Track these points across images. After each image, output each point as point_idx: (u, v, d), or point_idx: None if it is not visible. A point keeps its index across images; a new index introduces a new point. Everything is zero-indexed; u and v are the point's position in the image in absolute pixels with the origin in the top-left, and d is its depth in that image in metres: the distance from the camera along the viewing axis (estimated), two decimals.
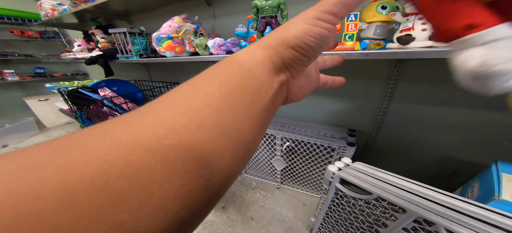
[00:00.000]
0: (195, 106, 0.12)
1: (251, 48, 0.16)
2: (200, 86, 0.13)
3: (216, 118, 0.12)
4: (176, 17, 0.97)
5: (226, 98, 0.13)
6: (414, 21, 0.51)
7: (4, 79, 1.91)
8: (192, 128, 0.11)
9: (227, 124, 0.12)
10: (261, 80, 0.15)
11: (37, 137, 1.86)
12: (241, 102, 0.13)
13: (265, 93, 0.15)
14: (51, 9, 1.39)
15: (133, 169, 0.09)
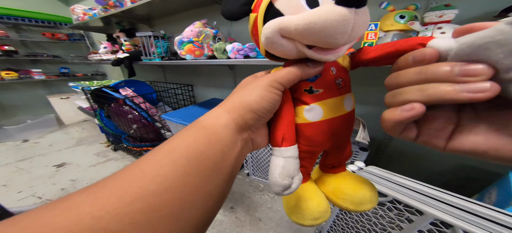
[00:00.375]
0: (162, 173, 0.14)
1: (217, 112, 0.19)
2: (167, 154, 0.15)
3: (183, 181, 0.14)
4: (197, 22, 1.02)
5: (192, 162, 0.15)
6: (433, 30, 0.53)
7: (31, 78, 2.04)
8: (159, 192, 0.13)
9: (193, 185, 0.14)
10: (226, 141, 0.17)
11: (56, 133, 1.96)
12: (207, 164, 0.16)
13: (230, 152, 0.18)
14: (82, 14, 1.50)
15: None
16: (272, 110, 0.20)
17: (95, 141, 1.73)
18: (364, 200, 0.23)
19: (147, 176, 0.13)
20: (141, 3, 1.07)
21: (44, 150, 1.60)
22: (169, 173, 0.14)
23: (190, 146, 0.16)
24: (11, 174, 1.27)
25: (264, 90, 0.19)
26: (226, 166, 0.17)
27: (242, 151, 0.19)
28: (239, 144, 0.19)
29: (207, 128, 0.17)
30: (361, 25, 0.15)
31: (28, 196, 1.07)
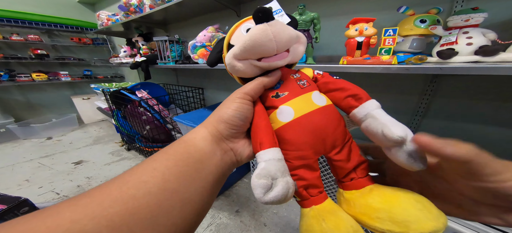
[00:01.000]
0: (142, 179, 0.15)
1: (196, 128, 0.21)
2: (149, 164, 0.17)
3: (162, 186, 0.15)
4: (210, 27, 1.05)
5: (171, 169, 0.16)
6: (458, 35, 0.50)
7: (59, 79, 2.20)
8: (138, 196, 0.14)
9: (172, 190, 0.16)
10: (204, 151, 0.19)
11: (76, 132, 2.08)
12: (186, 171, 0.17)
13: (209, 161, 0.19)
14: (107, 19, 1.61)
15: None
16: (242, 118, 0.21)
17: (111, 140, 1.81)
18: (410, 216, 0.16)
19: (129, 182, 0.15)
20: (158, 9, 1.12)
21: (65, 148, 1.70)
22: (149, 179, 0.15)
23: (170, 156, 0.18)
24: (34, 170, 1.36)
25: (233, 102, 0.21)
26: (206, 174, 0.18)
27: (223, 160, 0.21)
28: (218, 153, 0.20)
29: (187, 141, 0.20)
30: (280, 31, 0.20)
31: (48, 191, 1.13)
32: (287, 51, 0.22)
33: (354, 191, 0.20)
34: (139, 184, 0.15)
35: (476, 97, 0.65)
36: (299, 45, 0.23)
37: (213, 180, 0.19)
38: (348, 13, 0.79)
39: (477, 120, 0.67)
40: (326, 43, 0.87)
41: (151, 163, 0.17)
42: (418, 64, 0.53)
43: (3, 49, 1.96)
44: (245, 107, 0.21)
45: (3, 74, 1.88)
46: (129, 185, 0.15)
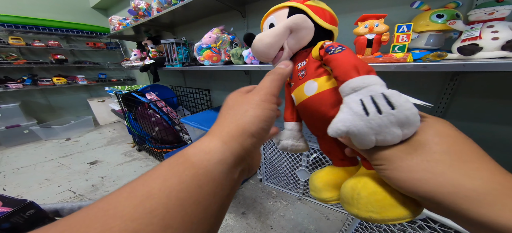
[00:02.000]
0: (132, 228, 0.11)
1: (210, 143, 0.16)
2: (142, 202, 0.12)
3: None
4: (215, 29, 1.05)
5: (175, 212, 0.12)
6: (481, 29, 0.45)
7: (76, 83, 2.33)
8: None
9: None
10: (220, 180, 0.15)
11: (92, 133, 2.18)
12: (194, 211, 0.13)
13: (222, 191, 0.15)
14: (118, 24, 1.67)
15: None
16: (269, 129, 0.18)
17: (123, 141, 1.88)
18: (348, 197, 0.19)
19: (111, 231, 0.10)
20: (165, 12, 1.14)
21: (82, 148, 1.79)
22: (143, 228, 0.11)
23: (172, 191, 0.13)
24: (54, 169, 1.44)
25: (259, 108, 0.17)
26: (218, 208, 0.15)
27: (237, 183, 0.17)
28: (235, 177, 0.16)
29: (197, 166, 0.14)
30: (256, 48, 0.26)
31: (65, 190, 1.19)
32: (282, 49, 0.25)
33: (342, 169, 0.26)
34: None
35: (503, 96, 0.59)
36: (295, 34, 0.24)
37: (223, 213, 0.16)
38: (357, 10, 0.75)
39: (503, 120, 0.61)
40: None
41: (145, 202, 0.12)
42: (437, 61, 0.49)
43: (26, 55, 2.10)
44: (273, 114, 0.18)
45: (26, 79, 2.01)
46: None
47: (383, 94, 0.15)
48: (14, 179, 1.33)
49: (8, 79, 1.96)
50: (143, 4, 1.35)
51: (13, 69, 2.04)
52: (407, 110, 0.14)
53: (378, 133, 0.15)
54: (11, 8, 1.93)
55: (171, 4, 1.13)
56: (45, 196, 1.14)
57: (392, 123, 0.15)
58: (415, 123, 0.15)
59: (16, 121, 1.92)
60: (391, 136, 0.15)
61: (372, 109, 0.15)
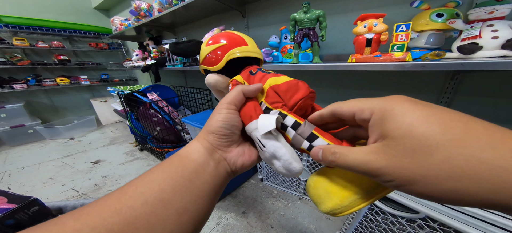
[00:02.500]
0: (139, 190, 0.16)
1: (191, 143, 0.22)
2: (146, 176, 0.18)
3: (158, 196, 0.16)
4: (216, 29, 1.05)
5: (167, 180, 0.18)
6: (481, 28, 0.45)
7: (79, 83, 2.35)
8: (136, 206, 0.15)
9: (168, 199, 0.17)
10: (198, 162, 0.20)
11: (95, 133, 2.20)
12: (181, 182, 0.18)
13: (203, 172, 0.20)
14: (120, 24, 1.68)
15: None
16: (229, 127, 0.22)
17: (125, 141, 1.90)
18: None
19: (127, 194, 0.16)
20: (166, 12, 1.15)
21: (85, 148, 1.80)
22: (146, 190, 0.17)
23: (166, 168, 0.19)
24: (57, 168, 1.46)
25: (219, 113, 0.22)
26: (201, 184, 0.19)
27: (217, 170, 0.21)
28: (211, 164, 0.21)
29: (181, 154, 0.21)
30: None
31: (69, 189, 1.21)
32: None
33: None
34: (136, 195, 0.16)
35: (505, 95, 0.59)
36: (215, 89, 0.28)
37: (208, 190, 0.20)
38: (356, 9, 0.75)
39: (506, 119, 0.61)
40: (334, 41, 0.83)
41: (148, 176, 0.18)
42: (435, 60, 0.49)
43: (30, 55, 2.13)
44: (231, 117, 0.22)
45: (30, 79, 2.04)
46: (127, 196, 0.16)
47: (257, 138, 0.21)
48: (19, 178, 1.36)
49: (13, 79, 1.98)
50: (145, 4, 1.36)
51: (18, 69, 2.06)
52: (270, 147, 0.20)
53: (269, 162, 0.22)
54: (15, 9, 1.95)
55: (172, 5, 1.13)
56: (49, 194, 1.16)
57: (271, 156, 0.21)
58: (282, 157, 0.20)
59: (20, 121, 1.94)
60: (276, 165, 0.21)
61: (259, 147, 0.22)
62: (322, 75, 0.95)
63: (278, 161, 0.20)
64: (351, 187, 0.17)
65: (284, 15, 0.96)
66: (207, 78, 0.27)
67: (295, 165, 0.19)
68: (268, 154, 0.21)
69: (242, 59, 0.26)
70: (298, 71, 0.74)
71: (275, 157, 0.20)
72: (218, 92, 0.29)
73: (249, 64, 0.28)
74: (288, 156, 0.20)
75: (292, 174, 0.20)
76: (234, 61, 0.26)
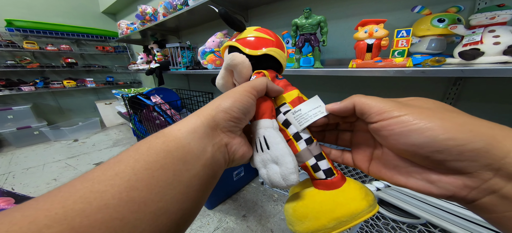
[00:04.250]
0: (98, 188, 0.12)
1: (188, 117, 0.18)
2: (111, 167, 0.13)
3: (126, 196, 0.12)
4: (219, 33, 1.07)
5: (140, 173, 0.13)
6: (483, 33, 0.45)
7: (85, 86, 2.40)
8: (89, 211, 0.11)
9: (140, 200, 0.12)
10: (190, 147, 0.15)
11: (99, 134, 2.23)
12: (161, 175, 0.13)
13: (195, 160, 0.15)
14: (126, 28, 1.72)
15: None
16: (244, 111, 0.19)
17: (128, 143, 1.92)
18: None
19: (77, 193, 0.11)
20: (171, 17, 1.17)
21: (88, 149, 1.83)
22: (108, 188, 0.12)
23: (140, 156, 0.14)
24: (61, 170, 1.48)
25: (237, 93, 0.19)
26: (190, 177, 0.15)
27: (214, 158, 0.17)
28: (209, 149, 0.17)
29: (167, 135, 0.16)
30: (220, 88, 0.28)
31: None
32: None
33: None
34: (93, 195, 0.11)
35: (508, 101, 0.58)
36: (235, 71, 0.26)
37: (199, 184, 0.15)
38: (357, 15, 0.75)
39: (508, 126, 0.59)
40: (335, 46, 0.83)
41: (114, 166, 0.13)
42: (436, 66, 0.48)
43: (39, 58, 2.18)
44: (249, 101, 0.19)
45: (39, 82, 2.09)
46: (77, 196, 0.11)
47: (264, 137, 0.20)
48: (23, 179, 1.38)
49: (21, 82, 2.04)
50: (150, 9, 1.40)
51: (27, 72, 2.12)
52: (277, 150, 0.19)
53: (264, 166, 0.20)
54: (26, 13, 2.02)
55: (176, 9, 1.16)
56: None
57: (269, 160, 0.20)
58: (285, 164, 0.18)
59: (27, 123, 1.98)
60: (272, 171, 0.19)
61: (259, 147, 0.21)
62: (323, 79, 0.95)
63: (276, 167, 0.19)
64: (341, 210, 0.18)
65: (286, 20, 0.97)
66: (235, 55, 0.24)
67: (294, 177, 0.19)
68: (270, 156, 0.20)
69: (269, 62, 0.26)
70: (299, 75, 0.74)
71: (276, 162, 0.19)
72: (229, 73, 0.27)
73: (273, 69, 0.27)
74: (293, 165, 0.19)
75: (287, 184, 0.19)
76: (265, 59, 0.26)
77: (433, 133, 0.13)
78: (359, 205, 0.18)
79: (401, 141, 0.14)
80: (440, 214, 0.40)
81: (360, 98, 0.17)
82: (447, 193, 0.14)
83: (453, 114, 0.14)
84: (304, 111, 0.21)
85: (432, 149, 0.13)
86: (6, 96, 1.98)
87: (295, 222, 0.20)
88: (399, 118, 0.14)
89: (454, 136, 0.12)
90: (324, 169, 0.20)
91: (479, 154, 0.12)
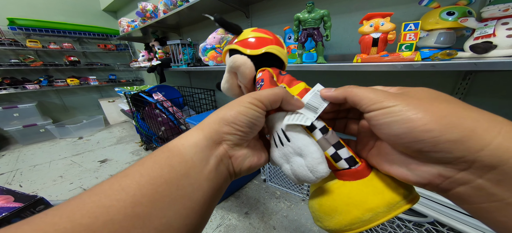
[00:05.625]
0: (105, 203, 0.12)
1: (190, 131, 0.18)
2: (117, 181, 0.13)
3: (130, 212, 0.12)
4: (220, 29, 1.05)
5: (145, 188, 0.13)
6: (495, 26, 0.42)
7: (88, 84, 2.41)
8: (96, 227, 0.11)
9: (144, 216, 0.13)
10: (193, 161, 0.16)
11: (103, 132, 2.26)
12: (165, 190, 0.14)
13: (198, 174, 0.16)
14: (127, 26, 1.71)
15: None
16: (249, 124, 0.18)
17: (132, 140, 1.93)
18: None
19: (85, 207, 0.12)
20: (171, 13, 1.16)
21: (93, 147, 1.85)
22: (113, 203, 0.12)
23: (145, 170, 0.14)
24: (67, 167, 1.50)
25: (241, 105, 0.18)
26: (193, 192, 0.15)
27: (217, 170, 0.17)
28: (211, 162, 0.17)
29: (172, 149, 0.16)
30: (225, 92, 0.29)
31: (77, 188, 1.24)
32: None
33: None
34: (99, 210, 0.12)
35: None
36: (238, 74, 0.26)
37: (203, 199, 0.15)
38: (362, 8, 0.73)
39: None
40: (339, 41, 0.81)
41: (120, 180, 0.13)
42: (446, 60, 0.46)
43: (43, 57, 2.20)
44: (254, 114, 0.18)
45: (43, 80, 2.11)
46: (84, 210, 0.12)
47: (282, 130, 0.19)
48: (30, 176, 1.40)
49: (26, 80, 2.06)
50: (150, 6, 1.38)
51: (30, 70, 2.14)
52: (298, 141, 0.18)
53: (287, 161, 0.19)
54: (28, 11, 2.03)
55: (176, 6, 1.14)
56: (58, 192, 1.20)
57: (292, 153, 0.19)
58: (311, 154, 0.17)
59: (32, 120, 2.01)
60: (296, 164, 0.18)
61: (278, 142, 0.20)
62: (326, 75, 0.93)
63: (301, 159, 0.18)
64: (375, 200, 0.17)
65: (288, 15, 0.95)
66: (236, 57, 0.25)
67: (323, 167, 0.17)
68: (292, 149, 0.18)
69: (271, 60, 0.26)
70: (302, 71, 0.72)
71: (300, 154, 0.18)
72: (233, 76, 0.27)
73: (274, 66, 0.27)
74: (319, 154, 0.17)
75: (316, 177, 0.17)
76: (266, 58, 0.25)
77: (412, 124, 0.13)
78: (395, 194, 0.16)
79: (385, 131, 0.15)
80: (449, 213, 0.39)
81: (352, 89, 0.17)
82: (422, 181, 0.14)
83: (442, 105, 0.13)
84: (312, 101, 0.20)
85: (410, 139, 0.13)
86: (12, 94, 2.01)
87: (324, 218, 0.19)
88: (388, 109, 0.14)
89: (431, 127, 0.12)
90: (345, 157, 0.19)
91: (453, 146, 0.12)
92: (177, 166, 0.15)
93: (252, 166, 0.20)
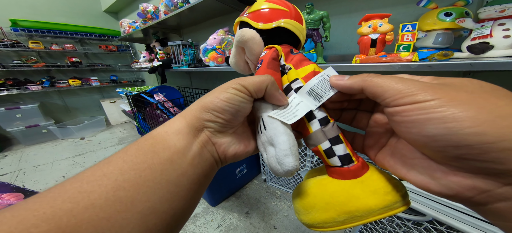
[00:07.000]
0: (86, 189, 0.12)
1: (173, 119, 0.18)
2: (100, 168, 0.13)
3: (112, 196, 0.12)
4: (220, 30, 1.06)
5: (127, 174, 0.13)
6: (492, 27, 0.43)
7: (90, 85, 2.43)
8: (76, 211, 0.11)
9: (127, 200, 0.13)
10: (176, 148, 0.16)
11: (104, 132, 2.27)
12: (149, 175, 0.14)
13: (182, 160, 0.16)
14: (128, 27, 1.72)
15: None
16: (233, 111, 0.18)
17: (133, 141, 1.92)
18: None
19: (66, 193, 0.12)
20: (172, 14, 1.17)
21: (95, 147, 1.86)
22: (95, 188, 0.12)
23: (129, 157, 0.14)
24: (69, 167, 1.52)
25: (224, 91, 0.17)
26: (177, 176, 0.15)
27: (201, 156, 0.17)
28: (194, 148, 0.17)
29: (155, 137, 0.16)
30: (233, 66, 0.28)
31: None
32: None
33: None
34: (81, 195, 0.12)
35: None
36: (246, 49, 0.25)
37: (187, 183, 0.15)
38: (360, 9, 0.74)
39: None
40: (338, 42, 0.82)
41: (103, 167, 0.13)
42: (443, 60, 0.47)
43: (45, 58, 2.22)
44: (238, 100, 0.17)
45: (45, 81, 2.13)
46: (65, 196, 0.11)
47: (261, 117, 0.19)
48: (33, 176, 1.42)
49: (28, 81, 2.08)
50: (151, 7, 1.39)
51: (33, 71, 2.16)
52: (271, 130, 0.17)
53: (265, 149, 0.19)
54: (30, 13, 2.05)
55: (177, 7, 1.15)
56: None
57: (266, 142, 0.18)
58: (279, 145, 0.16)
59: (35, 121, 2.03)
60: (269, 154, 0.17)
61: (258, 129, 0.19)
62: None
63: (272, 149, 0.17)
64: (357, 204, 0.16)
65: None
66: (244, 30, 0.22)
67: (290, 161, 0.16)
68: (266, 138, 0.18)
69: (284, 35, 0.23)
70: None
71: (272, 144, 0.17)
72: (241, 51, 0.25)
73: (289, 43, 0.24)
74: (287, 146, 0.16)
75: (283, 170, 0.16)
76: (278, 33, 0.23)
77: (456, 125, 0.10)
78: (380, 200, 0.15)
79: (414, 130, 0.12)
80: (447, 211, 0.39)
81: (372, 79, 0.15)
82: (448, 192, 0.12)
83: (502, 101, 0.10)
84: (317, 87, 0.19)
85: (449, 143, 0.11)
86: (14, 95, 2.03)
87: (301, 211, 0.18)
88: (423, 104, 0.12)
89: (483, 130, 0.10)
90: (340, 154, 0.17)
91: (510, 156, 0.09)
92: (160, 152, 0.15)
93: (238, 154, 0.19)
